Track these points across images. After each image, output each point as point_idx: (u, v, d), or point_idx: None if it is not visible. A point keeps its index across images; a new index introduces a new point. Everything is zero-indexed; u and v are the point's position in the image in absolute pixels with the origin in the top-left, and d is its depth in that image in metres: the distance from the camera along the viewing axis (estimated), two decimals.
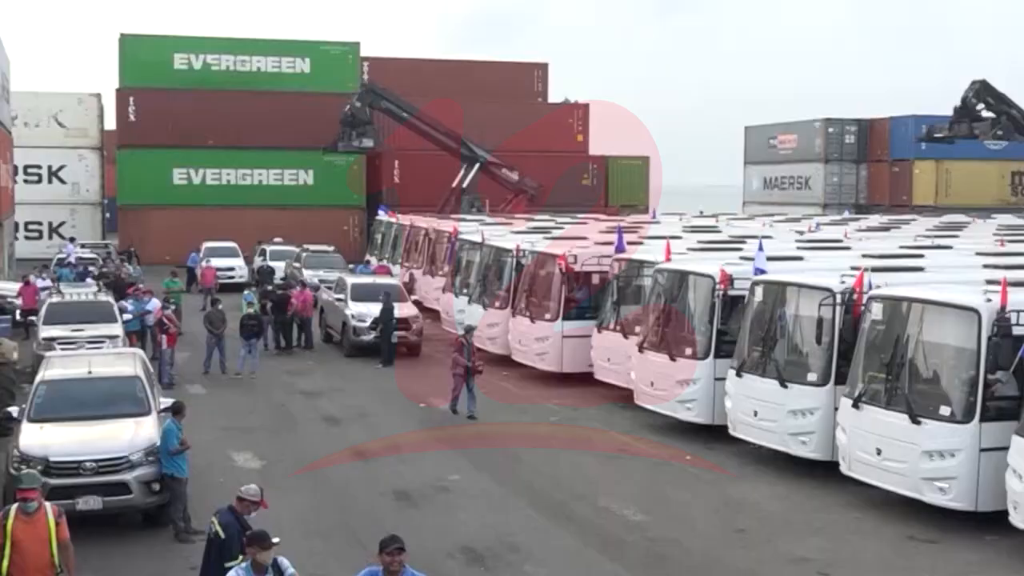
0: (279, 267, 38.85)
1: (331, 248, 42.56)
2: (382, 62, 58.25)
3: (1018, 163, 57.21)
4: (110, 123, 54.60)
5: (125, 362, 17.15)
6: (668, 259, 21.35)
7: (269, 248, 42.66)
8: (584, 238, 27.64)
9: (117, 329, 23.63)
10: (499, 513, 15.73)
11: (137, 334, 25.40)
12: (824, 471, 16.72)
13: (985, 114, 48.05)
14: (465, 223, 35.87)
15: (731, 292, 19.21)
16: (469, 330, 22.58)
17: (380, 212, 45.72)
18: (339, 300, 29.50)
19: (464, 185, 48.97)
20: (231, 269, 41.47)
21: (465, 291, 29.22)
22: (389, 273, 35.88)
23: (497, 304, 26.94)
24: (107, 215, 55.38)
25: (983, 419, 14.31)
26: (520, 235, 29.68)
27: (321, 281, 34.00)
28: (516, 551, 14.16)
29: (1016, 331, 14.16)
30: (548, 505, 16.13)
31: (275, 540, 9.26)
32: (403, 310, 28.22)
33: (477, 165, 48.64)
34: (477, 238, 30.12)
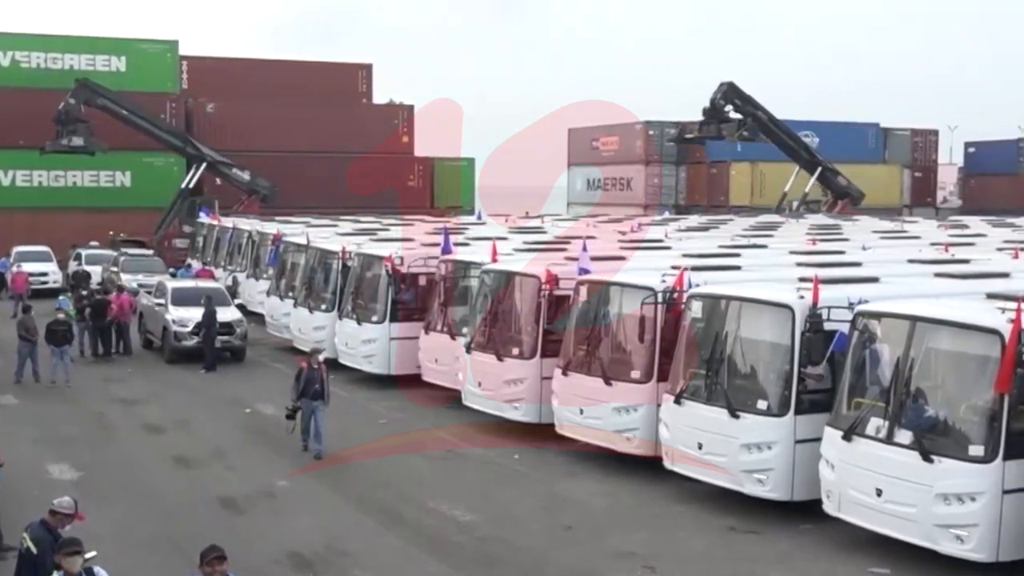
0: (95, 271, 37.59)
1: (150, 252, 41.47)
2: (202, 61, 56.99)
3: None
4: None
5: None
6: (494, 260, 21.46)
7: (85, 252, 41.29)
8: (411, 239, 27.59)
9: None
10: (327, 517, 15.57)
11: None
12: (648, 467, 17.06)
13: (733, 115, 49.76)
14: (289, 225, 35.37)
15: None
16: (316, 351, 19.96)
17: (201, 214, 44.72)
18: (159, 305, 28.74)
19: (190, 185, 47.80)
20: (44, 274, 40.08)
21: (290, 294, 28.82)
22: (212, 277, 35.13)
23: (323, 307, 26.66)
24: None
25: (797, 412, 14.81)
26: (346, 237, 29.46)
27: (140, 285, 33.15)
28: (345, 555, 14.05)
29: (827, 326, 14.71)
30: (377, 508, 16.05)
31: (91, 554, 8.96)
32: (226, 314, 27.67)
33: (203, 164, 47.29)
34: (302, 240, 29.75)
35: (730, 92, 49.35)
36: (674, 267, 18.18)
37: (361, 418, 21.76)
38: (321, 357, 19.39)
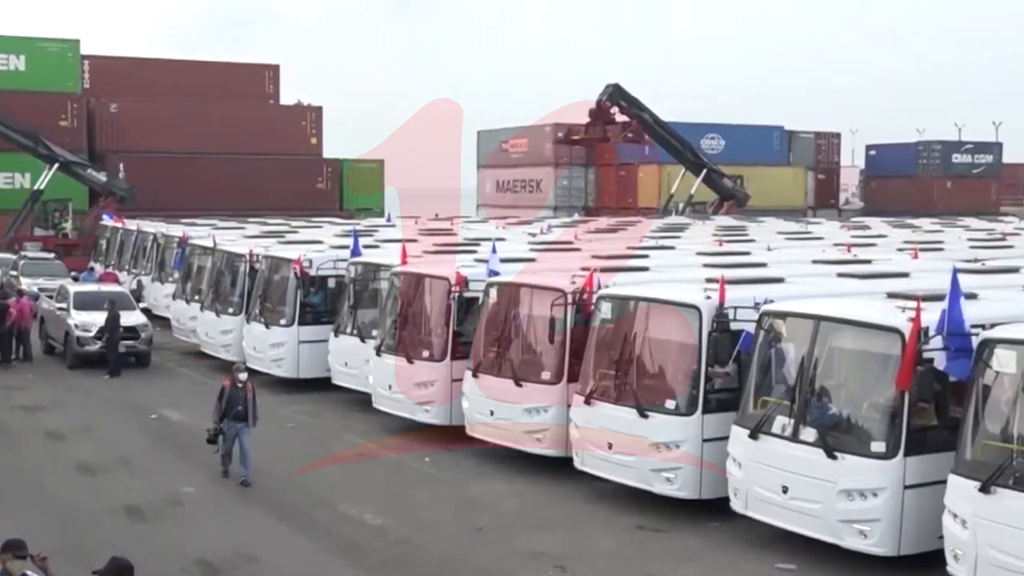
0: None
1: (51, 255, 40.58)
2: (105, 61, 56.05)
3: (732, 166, 60.41)
4: None
5: None
6: (404, 262, 21.41)
7: None
8: (319, 242, 27.40)
9: None
10: (236, 524, 15.38)
11: None
12: (559, 467, 17.13)
13: (619, 117, 50.15)
14: (195, 228, 34.89)
15: (466, 294, 19.43)
16: (239, 368, 17.97)
17: (105, 217, 43.88)
18: (61, 309, 28.13)
19: (42, 187, 46.93)
20: None
21: (197, 298, 28.42)
22: (116, 280, 34.49)
23: (230, 311, 26.34)
24: None
25: (705, 411, 14.99)
26: (253, 239, 29.14)
27: (41, 289, 32.38)
28: (254, 561, 13.88)
29: (734, 326, 14.92)
30: (287, 513, 15.89)
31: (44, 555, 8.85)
32: (130, 318, 27.17)
33: (55, 166, 46.24)
34: (209, 243, 29.36)
35: (616, 94, 49.67)
36: (584, 269, 18.26)
37: (270, 423, 21.44)
38: (244, 375, 17.60)
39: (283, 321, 24.27)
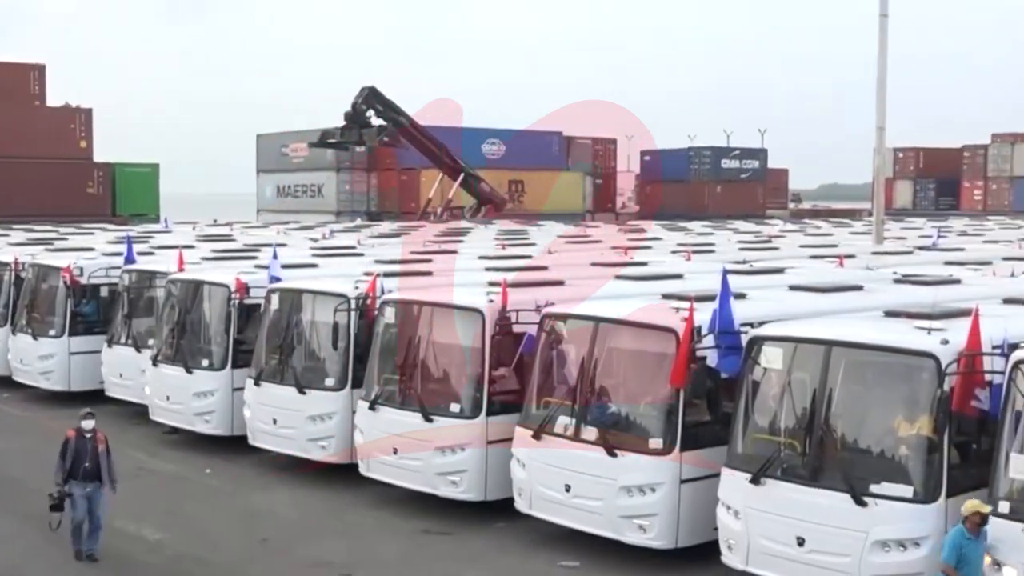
0: None
1: None
2: None
3: (514, 172, 61.26)
4: None
5: None
6: (181, 269, 20.90)
7: None
8: (91, 249, 26.43)
9: None
10: (4, 544, 14.67)
11: None
12: (344, 474, 16.99)
13: (375, 121, 50.51)
14: None
15: (247, 301, 19.10)
16: (87, 416, 14.23)
17: None
18: None
19: None
20: None
21: None
22: None
23: None
24: None
25: (490, 414, 15.13)
26: (19, 247, 27.84)
27: None
28: None
29: (516, 329, 15.12)
30: (59, 530, 15.18)
31: None
32: None
33: None
34: None
35: (371, 97, 49.62)
36: (367, 274, 18.22)
37: (38, 437, 20.49)
38: (90, 423, 14.06)
39: (52, 332, 23.31)
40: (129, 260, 23.00)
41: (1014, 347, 11.21)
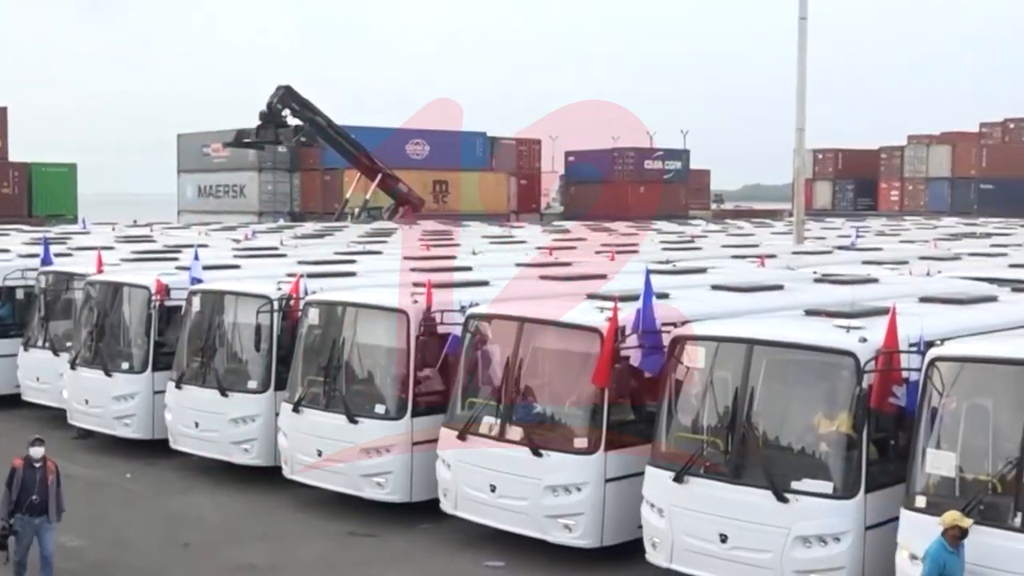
0: None
1: None
2: None
3: (438, 172, 61.17)
4: None
5: None
6: (100, 270, 20.58)
7: None
8: (6, 251, 25.90)
9: None
10: None
11: None
12: (267, 477, 16.85)
13: (291, 120, 50.30)
14: None
15: (168, 303, 18.87)
16: (36, 443, 12.80)
17: None
18: None
19: None
20: None
21: None
22: None
23: None
24: None
25: (415, 414, 15.10)
26: None
27: None
28: None
29: (441, 330, 15.10)
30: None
31: None
32: None
33: None
34: None
35: (287, 96, 49.27)
36: (290, 275, 18.09)
37: None
38: (40, 451, 12.70)
39: None
40: (46, 262, 22.61)
41: (930, 344, 11.46)
